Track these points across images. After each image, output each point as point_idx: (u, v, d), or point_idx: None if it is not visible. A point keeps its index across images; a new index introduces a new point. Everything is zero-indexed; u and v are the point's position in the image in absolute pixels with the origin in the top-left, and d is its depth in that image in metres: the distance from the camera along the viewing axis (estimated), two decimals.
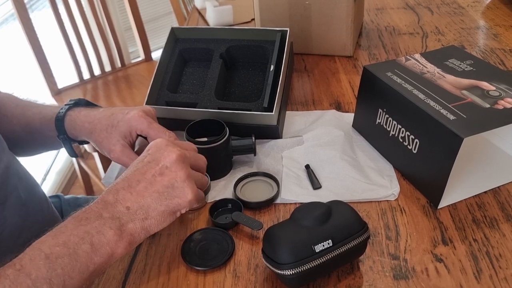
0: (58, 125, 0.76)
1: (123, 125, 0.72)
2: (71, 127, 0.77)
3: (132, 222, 0.55)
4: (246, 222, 0.67)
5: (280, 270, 0.55)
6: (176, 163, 0.57)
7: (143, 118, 0.71)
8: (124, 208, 0.55)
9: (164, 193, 0.56)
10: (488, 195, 0.71)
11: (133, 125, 0.72)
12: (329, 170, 0.77)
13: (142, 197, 0.56)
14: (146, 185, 0.56)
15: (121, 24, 2.68)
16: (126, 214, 0.55)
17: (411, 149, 0.71)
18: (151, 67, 2.08)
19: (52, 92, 1.90)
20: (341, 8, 1.07)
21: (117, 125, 0.72)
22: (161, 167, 0.57)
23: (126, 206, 0.55)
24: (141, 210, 0.55)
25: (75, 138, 0.78)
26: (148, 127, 0.71)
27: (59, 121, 0.76)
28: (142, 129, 0.72)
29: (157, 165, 0.57)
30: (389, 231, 0.66)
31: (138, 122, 0.71)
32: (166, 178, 0.56)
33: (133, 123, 0.72)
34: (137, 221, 0.55)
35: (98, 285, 0.63)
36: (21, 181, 0.72)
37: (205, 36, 0.95)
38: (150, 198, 0.56)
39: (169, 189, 0.56)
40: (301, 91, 1.02)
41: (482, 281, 0.58)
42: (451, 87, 0.73)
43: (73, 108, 0.78)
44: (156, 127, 0.71)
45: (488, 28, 1.23)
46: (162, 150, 0.58)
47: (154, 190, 0.56)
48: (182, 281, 0.62)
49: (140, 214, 0.55)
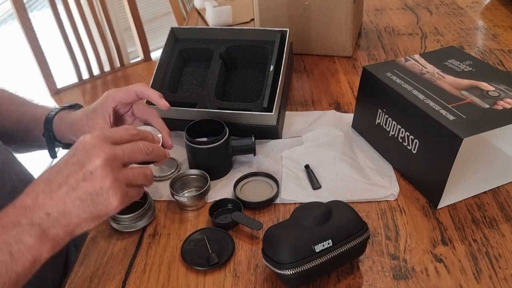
0: (46, 124, 0.77)
1: (99, 107, 0.72)
2: (58, 126, 0.77)
3: (54, 228, 0.52)
4: (246, 222, 0.67)
5: (280, 270, 0.55)
6: (102, 168, 0.52)
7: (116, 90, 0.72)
8: (44, 214, 0.51)
9: (87, 200, 0.52)
10: (487, 196, 0.71)
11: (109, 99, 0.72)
12: (329, 170, 0.77)
13: (63, 203, 0.52)
14: (68, 190, 0.52)
15: (120, 24, 2.68)
16: (47, 220, 0.51)
17: (411, 149, 0.72)
18: (150, 67, 2.08)
19: (51, 92, 1.90)
20: (341, 8, 1.07)
21: (95, 109, 0.73)
22: (85, 172, 0.52)
23: (46, 212, 0.51)
24: (63, 217, 0.52)
25: (61, 139, 0.78)
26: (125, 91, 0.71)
27: (48, 120, 0.77)
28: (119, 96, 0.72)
29: (81, 169, 0.52)
30: (388, 231, 0.67)
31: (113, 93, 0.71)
32: (90, 185, 0.52)
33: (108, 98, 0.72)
34: (59, 227, 0.52)
35: (98, 285, 0.63)
36: (21, 182, 0.72)
37: (205, 36, 0.95)
38: (72, 205, 0.52)
39: (93, 196, 0.52)
40: (301, 91, 1.02)
41: (481, 281, 0.58)
42: (451, 87, 0.74)
43: (63, 110, 0.78)
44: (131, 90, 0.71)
45: (487, 28, 1.24)
46: (88, 152, 0.53)
47: (76, 197, 0.52)
48: (182, 281, 0.62)
49: (62, 220, 0.52)
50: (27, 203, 0.52)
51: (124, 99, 0.73)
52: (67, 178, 0.52)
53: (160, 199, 0.76)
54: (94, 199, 0.52)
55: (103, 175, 0.52)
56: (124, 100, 0.73)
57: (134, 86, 0.72)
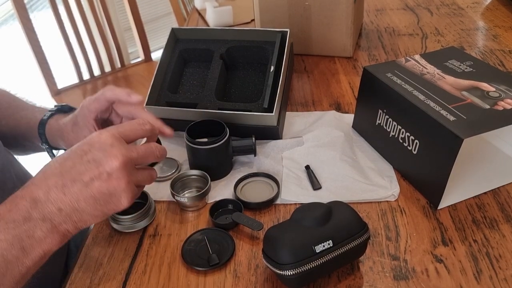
0: (40, 133, 0.76)
1: (81, 120, 0.70)
2: (49, 136, 0.76)
3: (65, 224, 0.52)
4: (246, 222, 0.67)
5: (281, 270, 0.55)
6: (119, 170, 0.53)
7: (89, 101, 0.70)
8: (56, 210, 0.52)
9: (100, 200, 0.53)
10: (488, 196, 0.71)
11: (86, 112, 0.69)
12: (329, 170, 0.77)
13: (76, 200, 0.52)
14: (82, 187, 0.52)
15: (121, 25, 2.68)
16: (58, 215, 0.52)
17: (411, 150, 0.72)
18: (150, 68, 2.08)
19: (51, 92, 1.90)
20: (341, 9, 1.07)
21: (77, 122, 0.71)
22: (101, 171, 0.53)
23: (58, 207, 0.52)
24: (75, 213, 0.53)
25: (56, 146, 0.78)
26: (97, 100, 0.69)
27: (41, 129, 0.76)
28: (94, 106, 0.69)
29: (97, 168, 0.53)
30: (389, 232, 0.67)
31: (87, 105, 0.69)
32: (105, 185, 0.53)
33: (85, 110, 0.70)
34: (70, 223, 0.53)
35: (99, 285, 0.63)
36: (22, 182, 0.72)
37: (206, 37, 0.95)
38: (85, 203, 0.52)
39: (106, 196, 0.53)
40: (301, 92, 1.02)
41: (482, 282, 0.58)
42: (451, 88, 0.74)
43: (54, 115, 0.77)
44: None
45: (488, 29, 1.24)
46: (106, 152, 0.53)
47: (90, 196, 0.52)
48: (183, 282, 0.62)
49: (73, 217, 0.53)
50: (39, 196, 0.52)
51: (98, 108, 0.70)
52: (81, 175, 0.52)
53: (160, 199, 0.76)
54: (107, 198, 0.53)
55: (119, 177, 0.53)
56: (99, 108, 0.70)
57: (102, 92, 0.69)
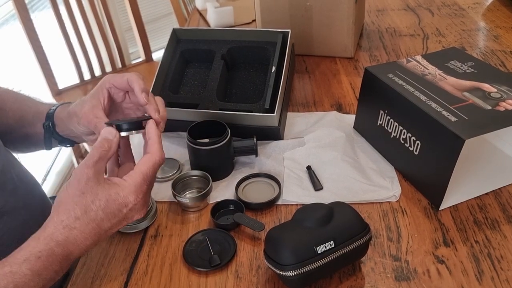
0: (48, 116, 0.78)
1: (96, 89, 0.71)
2: (58, 114, 0.77)
3: (79, 251, 0.57)
4: (247, 223, 0.67)
5: (282, 271, 0.55)
6: (139, 214, 0.60)
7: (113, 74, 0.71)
8: (77, 247, 0.56)
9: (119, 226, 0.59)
10: (489, 197, 0.71)
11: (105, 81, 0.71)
12: (331, 171, 0.77)
13: (98, 238, 0.57)
14: (107, 229, 0.58)
15: (122, 25, 2.68)
16: (78, 248, 0.56)
17: (413, 150, 0.72)
18: (151, 68, 2.08)
19: (52, 92, 1.90)
20: (342, 9, 1.07)
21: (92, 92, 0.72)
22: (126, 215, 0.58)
23: (80, 246, 0.56)
24: (92, 244, 0.58)
25: (60, 131, 0.78)
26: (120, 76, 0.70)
27: (50, 114, 0.78)
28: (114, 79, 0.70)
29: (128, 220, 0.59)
30: (390, 233, 0.67)
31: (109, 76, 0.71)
32: (125, 222, 0.59)
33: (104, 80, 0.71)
34: (84, 248, 0.57)
35: (100, 286, 0.63)
36: (22, 183, 0.72)
37: (207, 37, 0.95)
38: (105, 237, 0.58)
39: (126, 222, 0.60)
40: (302, 92, 1.02)
41: (483, 283, 0.58)
42: (453, 88, 0.74)
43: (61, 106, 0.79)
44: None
45: (489, 29, 1.24)
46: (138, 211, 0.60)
47: (111, 232, 0.58)
48: (184, 282, 0.62)
49: (89, 246, 0.58)
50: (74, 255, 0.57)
51: (117, 83, 0.71)
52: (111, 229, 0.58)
53: (162, 200, 0.76)
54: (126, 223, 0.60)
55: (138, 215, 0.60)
56: (118, 84, 0.71)
57: (129, 74, 0.71)
